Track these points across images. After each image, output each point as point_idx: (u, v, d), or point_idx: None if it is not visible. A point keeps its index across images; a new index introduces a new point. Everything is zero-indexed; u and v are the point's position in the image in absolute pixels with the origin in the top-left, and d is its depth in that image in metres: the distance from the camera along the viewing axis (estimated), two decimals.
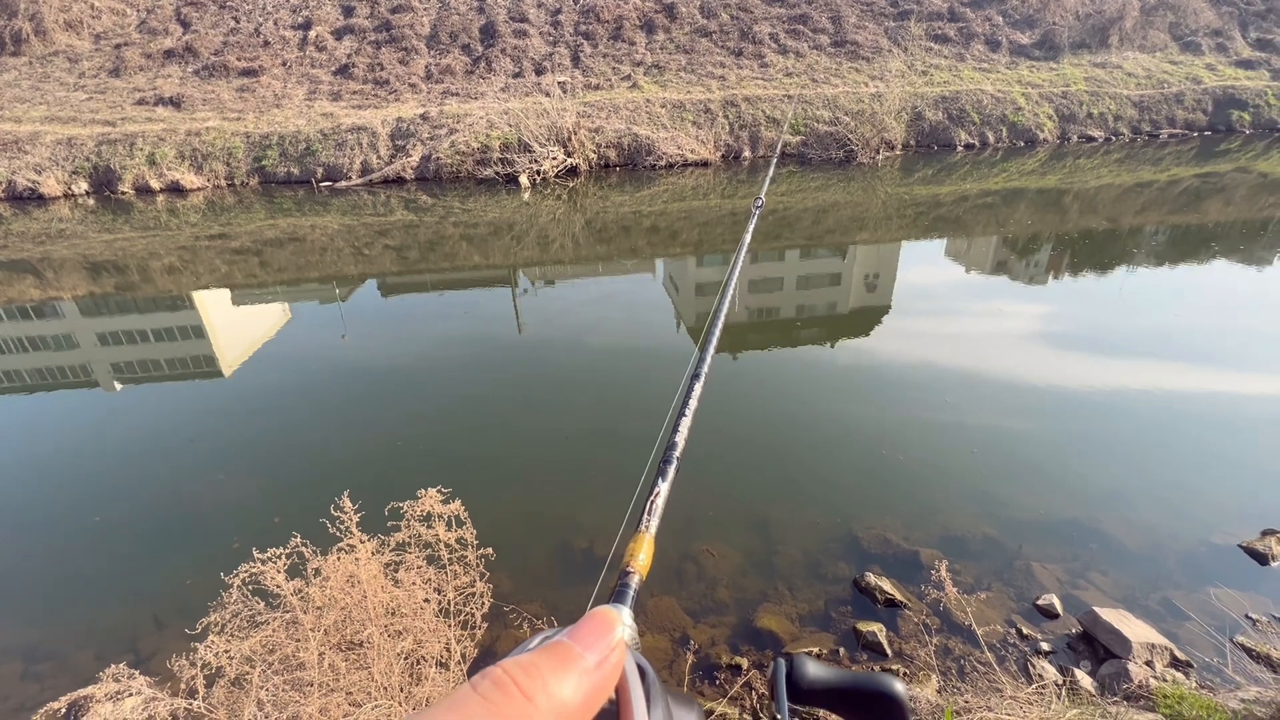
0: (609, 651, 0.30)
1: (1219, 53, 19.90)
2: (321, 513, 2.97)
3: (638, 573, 0.47)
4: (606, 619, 0.32)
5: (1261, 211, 12.46)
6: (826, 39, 19.79)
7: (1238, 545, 4.16)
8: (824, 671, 0.45)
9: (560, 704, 0.26)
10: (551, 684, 0.27)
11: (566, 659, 0.29)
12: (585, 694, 0.28)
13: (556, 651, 0.29)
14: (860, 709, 0.45)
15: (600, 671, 0.29)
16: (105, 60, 19.32)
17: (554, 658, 0.29)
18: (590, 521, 4.44)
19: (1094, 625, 3.56)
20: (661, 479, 0.58)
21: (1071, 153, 16.93)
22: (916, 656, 3.43)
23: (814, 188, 14.62)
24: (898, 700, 0.44)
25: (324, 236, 12.37)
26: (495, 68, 18.79)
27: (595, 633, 0.31)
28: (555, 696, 0.26)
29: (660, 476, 0.58)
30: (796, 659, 0.44)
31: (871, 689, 0.44)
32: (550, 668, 0.28)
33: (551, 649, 0.29)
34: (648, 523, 0.53)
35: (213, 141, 16.09)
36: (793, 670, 0.44)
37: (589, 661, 0.29)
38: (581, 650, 0.29)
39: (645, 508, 0.55)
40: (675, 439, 0.65)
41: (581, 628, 0.31)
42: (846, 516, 4.43)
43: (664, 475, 0.59)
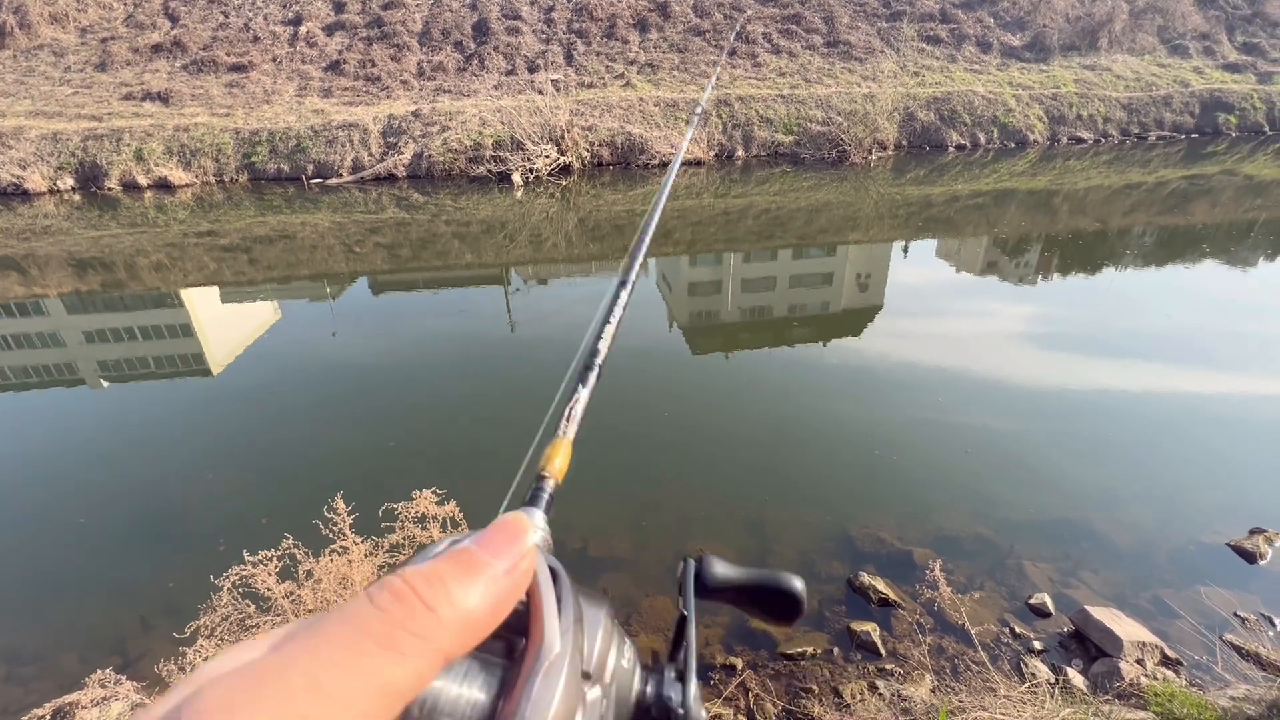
0: (519, 558, 0.29)
1: (1206, 56, 20.13)
2: (312, 513, 2.93)
3: (553, 477, 0.46)
4: (517, 524, 0.31)
5: (1247, 213, 12.61)
6: (819, 39, 19.84)
7: (1226, 544, 4.20)
8: (730, 570, 0.47)
9: (466, 613, 0.25)
10: (456, 592, 0.25)
11: (473, 566, 0.27)
12: (493, 602, 0.27)
13: (462, 558, 0.27)
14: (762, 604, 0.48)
15: (510, 578, 0.28)
16: (91, 54, 19.05)
17: (459, 565, 0.27)
18: (583, 521, 4.42)
19: (1086, 624, 3.58)
20: (582, 385, 0.57)
21: (1061, 154, 17.07)
22: (911, 656, 3.44)
23: (807, 187, 14.65)
24: (795, 596, 0.46)
25: (314, 234, 12.26)
26: (488, 65, 18.70)
27: (505, 539, 0.29)
28: (460, 605, 0.25)
29: (581, 383, 0.57)
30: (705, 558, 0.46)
31: (772, 585, 0.47)
32: (455, 575, 0.26)
33: (457, 556, 0.28)
34: (565, 428, 0.52)
35: (201, 137, 15.91)
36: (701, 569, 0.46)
37: (498, 568, 0.28)
38: (490, 557, 0.28)
39: (564, 414, 0.54)
40: (598, 345, 0.64)
41: (490, 534, 0.30)
42: (840, 516, 4.44)
43: (584, 382, 0.58)
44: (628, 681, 0.37)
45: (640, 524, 4.40)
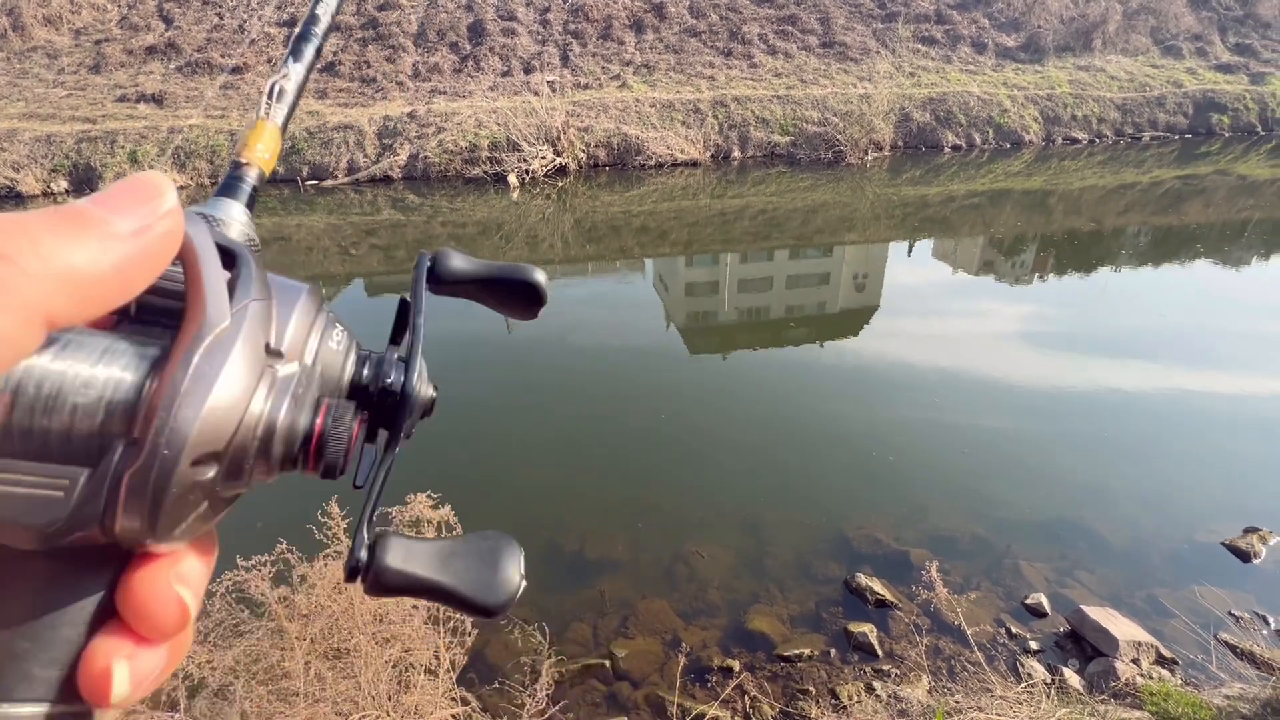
0: (152, 218, 0.24)
1: (1199, 57, 20.22)
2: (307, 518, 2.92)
3: (256, 165, 0.40)
4: (150, 182, 0.25)
5: (1241, 213, 12.67)
6: (815, 40, 19.87)
7: (1220, 543, 4.21)
8: (467, 264, 0.43)
9: (67, 270, 0.21)
10: (49, 245, 0.21)
11: (79, 220, 0.22)
12: (113, 263, 0.22)
13: (65, 212, 0.23)
14: (500, 296, 0.45)
15: (139, 240, 0.23)
16: (85, 56, 18.97)
17: (59, 218, 0.22)
18: (580, 523, 4.41)
19: (1081, 624, 3.59)
20: (294, 59, 0.46)
21: (1056, 154, 17.13)
22: (907, 657, 3.44)
23: (803, 188, 14.67)
24: (536, 285, 0.43)
25: (309, 236, 12.23)
26: (484, 66, 18.68)
27: (132, 197, 0.24)
28: (54, 260, 0.21)
29: (293, 56, 0.47)
30: (440, 252, 0.42)
31: (511, 277, 0.44)
32: (50, 227, 0.21)
33: (58, 209, 0.23)
34: (267, 108, 0.44)
35: (196, 139, 15.86)
36: (436, 262, 0.42)
37: (119, 227, 0.23)
38: (106, 213, 0.23)
39: (268, 90, 0.44)
40: (317, 10, 0.52)
41: (112, 191, 0.25)
42: (837, 517, 4.44)
43: (298, 55, 0.47)
44: (337, 362, 0.34)
45: (636, 525, 4.40)
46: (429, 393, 0.39)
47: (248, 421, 0.26)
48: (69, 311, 0.21)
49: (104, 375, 0.24)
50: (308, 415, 0.30)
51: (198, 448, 0.25)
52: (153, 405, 0.24)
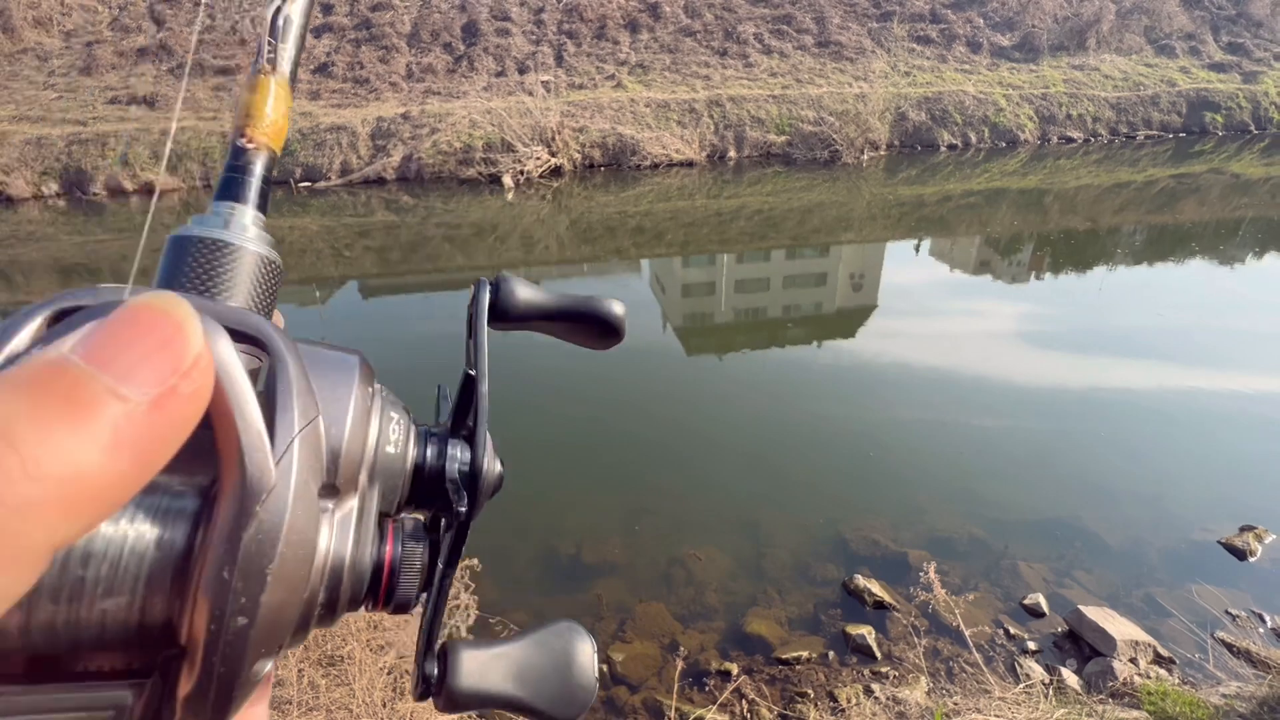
0: (177, 376, 0.17)
1: (1192, 56, 20.31)
2: None
3: (263, 144, 0.30)
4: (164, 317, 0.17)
5: (1235, 211, 12.72)
6: (810, 39, 19.89)
7: (1217, 541, 4.21)
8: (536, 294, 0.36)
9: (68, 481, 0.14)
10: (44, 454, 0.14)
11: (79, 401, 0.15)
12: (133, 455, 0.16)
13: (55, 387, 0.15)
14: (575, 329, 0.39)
15: (160, 414, 0.16)
16: (76, 58, 18.85)
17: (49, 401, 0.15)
18: (576, 526, 4.39)
19: (1079, 624, 3.58)
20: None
21: (1052, 153, 17.18)
22: (906, 659, 3.43)
23: (799, 188, 14.67)
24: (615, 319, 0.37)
25: (303, 238, 12.17)
26: (477, 66, 18.63)
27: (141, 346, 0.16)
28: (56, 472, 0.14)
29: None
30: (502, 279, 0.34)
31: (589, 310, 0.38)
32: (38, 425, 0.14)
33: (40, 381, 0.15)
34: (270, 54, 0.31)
35: (188, 141, 15.77)
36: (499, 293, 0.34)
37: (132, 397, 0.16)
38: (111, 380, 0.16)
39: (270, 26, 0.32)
40: None
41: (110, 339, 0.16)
42: (834, 519, 4.43)
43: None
44: (397, 465, 0.29)
45: (633, 528, 4.38)
46: (497, 470, 0.33)
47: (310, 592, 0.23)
48: (76, 530, 0.15)
49: (132, 572, 0.20)
50: (372, 549, 0.26)
51: (259, 647, 0.21)
52: (198, 607, 0.20)
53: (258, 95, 0.31)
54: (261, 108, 0.30)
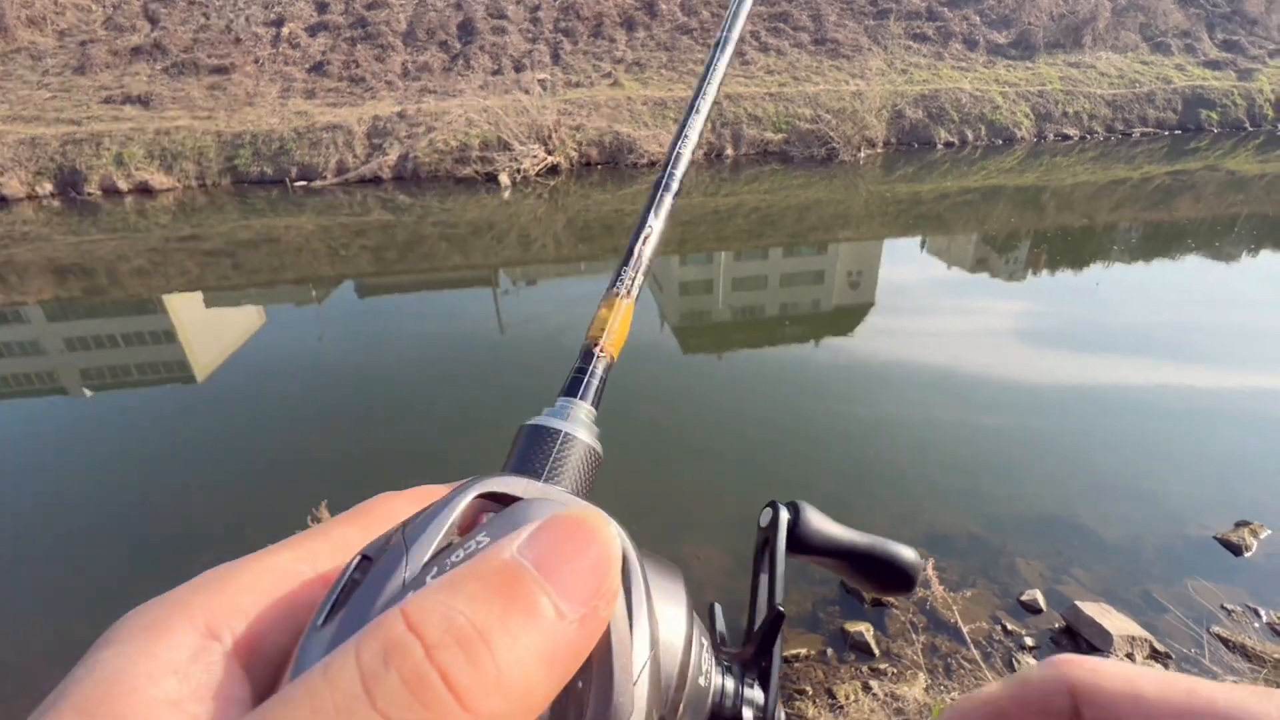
0: (599, 597, 0.17)
1: (1188, 53, 20.35)
2: (299, 522, 2.88)
3: (607, 355, 0.33)
4: (602, 549, 0.18)
5: (1230, 208, 12.76)
6: (807, 37, 19.88)
7: (1212, 537, 4.23)
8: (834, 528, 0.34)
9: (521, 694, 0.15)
10: (511, 665, 0.15)
11: (534, 614, 0.16)
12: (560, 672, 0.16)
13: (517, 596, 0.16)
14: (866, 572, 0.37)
15: (584, 631, 0.17)
16: (70, 57, 18.75)
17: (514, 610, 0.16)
18: None
19: (1076, 619, 3.59)
20: (654, 214, 0.39)
21: (1048, 151, 17.21)
22: (904, 655, 3.43)
23: (796, 185, 14.68)
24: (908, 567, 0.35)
25: (299, 237, 12.14)
26: (474, 65, 18.59)
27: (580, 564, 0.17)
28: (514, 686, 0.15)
29: (652, 210, 0.39)
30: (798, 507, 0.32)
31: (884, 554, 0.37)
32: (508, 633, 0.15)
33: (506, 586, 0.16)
34: (628, 281, 0.36)
35: (183, 141, 15.71)
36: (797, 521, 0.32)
37: (569, 618, 0.16)
38: (555, 593, 0.16)
39: (630, 255, 0.36)
40: (680, 150, 0.43)
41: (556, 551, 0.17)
42: (832, 515, 4.42)
43: (657, 209, 0.39)
44: (704, 697, 0.27)
45: (630, 526, 4.35)
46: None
47: None
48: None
49: None
50: None
51: None
52: None
53: (611, 313, 0.36)
54: (613, 324, 0.36)
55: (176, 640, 0.18)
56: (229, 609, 0.19)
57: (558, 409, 0.32)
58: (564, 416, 0.31)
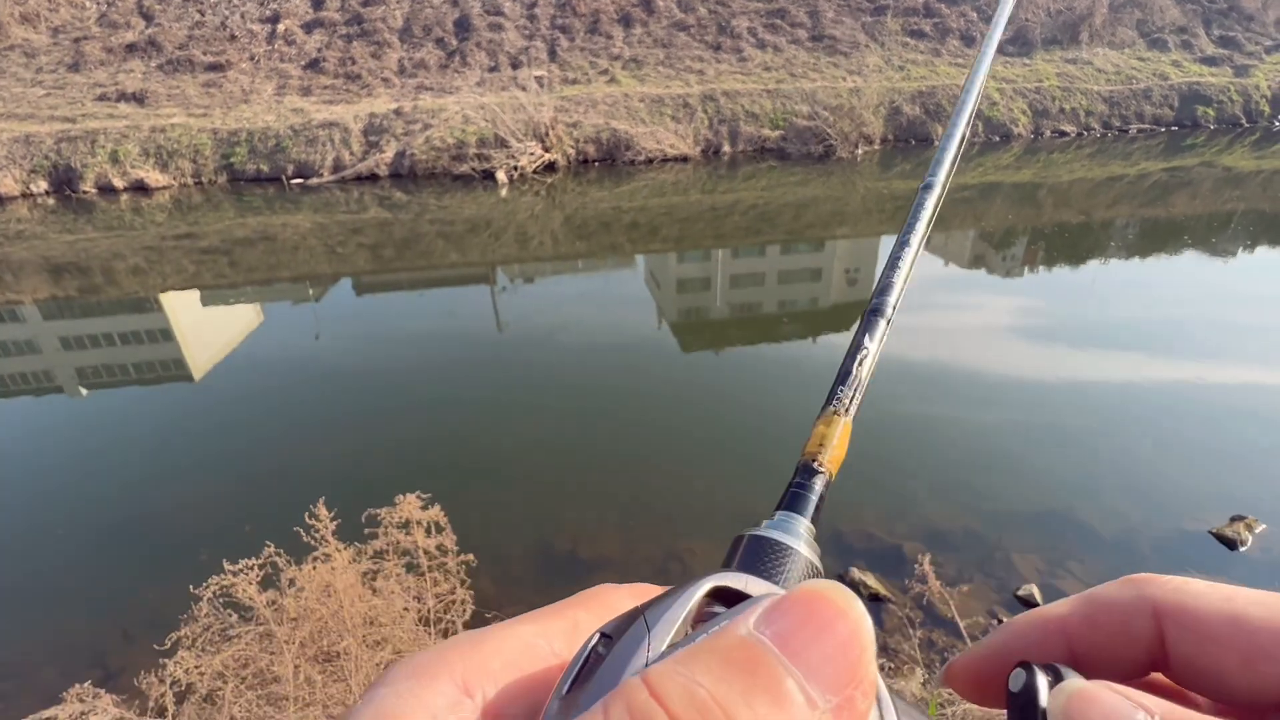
0: (855, 685, 0.16)
1: (1184, 49, 20.38)
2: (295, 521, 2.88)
3: (826, 471, 0.33)
4: (845, 614, 0.17)
5: (1226, 205, 12.80)
6: (804, 33, 19.86)
7: (1208, 531, 4.25)
8: None
9: None
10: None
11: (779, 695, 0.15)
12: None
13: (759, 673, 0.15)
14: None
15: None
16: (64, 54, 18.65)
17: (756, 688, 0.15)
18: (572, 522, 4.39)
19: None
20: (868, 337, 0.39)
21: (1045, 147, 17.23)
22: (901, 650, 3.45)
23: (794, 182, 14.67)
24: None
25: (296, 235, 12.10)
26: (470, 61, 18.53)
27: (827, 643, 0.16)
28: None
29: (866, 334, 0.39)
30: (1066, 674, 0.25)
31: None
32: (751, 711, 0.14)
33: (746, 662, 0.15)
34: (844, 399, 0.36)
35: (178, 138, 15.64)
36: None
37: (820, 704, 0.15)
38: (804, 678, 0.15)
39: (843, 377, 0.37)
40: (892, 279, 0.42)
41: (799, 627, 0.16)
42: (829, 512, 4.40)
43: (871, 333, 0.40)
44: None
45: (628, 524, 4.39)
46: None
47: None
48: None
49: None
50: None
51: None
52: None
53: (830, 430, 0.35)
54: (831, 440, 0.35)
55: (439, 689, 0.19)
56: (481, 670, 0.20)
57: (778, 522, 0.32)
58: (787, 531, 0.31)
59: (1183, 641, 0.22)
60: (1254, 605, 0.21)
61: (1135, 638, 0.24)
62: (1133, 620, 0.24)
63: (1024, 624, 0.26)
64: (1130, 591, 0.24)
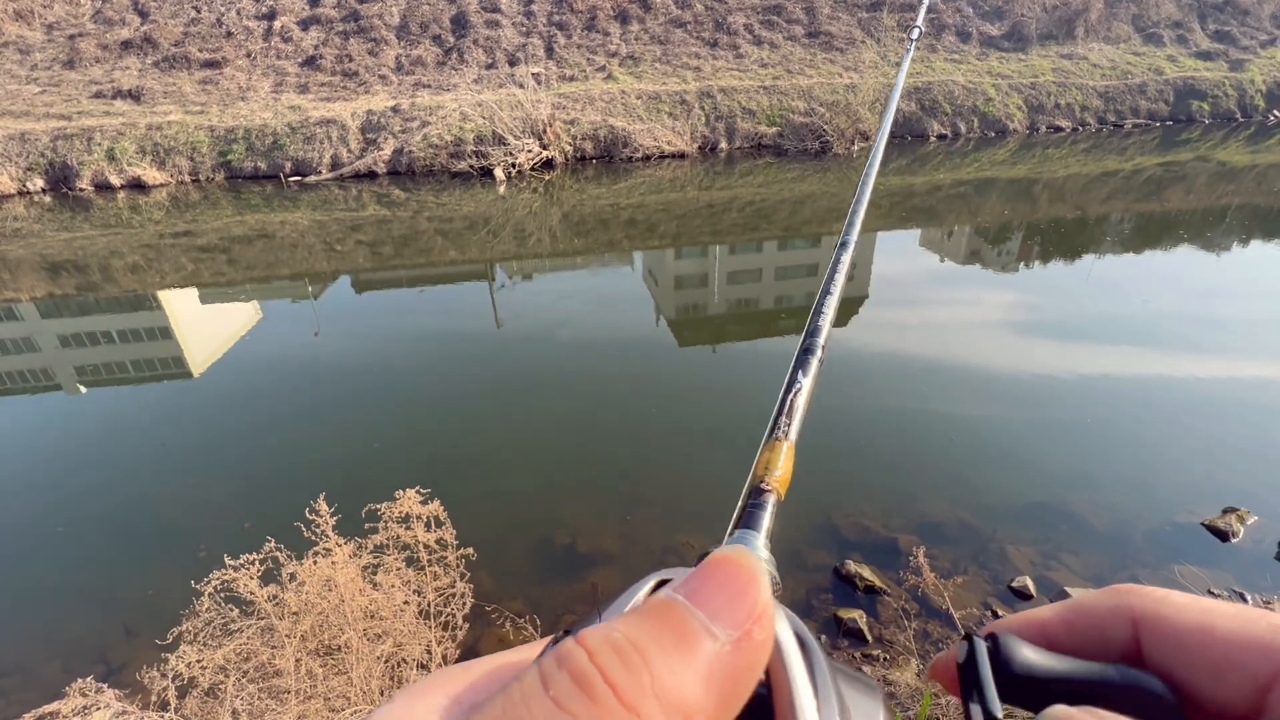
0: (753, 620, 0.20)
1: (1179, 44, 20.40)
2: (295, 517, 2.90)
3: (774, 490, 0.37)
4: (744, 567, 0.21)
5: (1220, 199, 12.84)
6: (800, 30, 19.84)
7: (1200, 523, 4.29)
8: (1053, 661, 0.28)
9: (679, 707, 0.17)
10: (665, 674, 0.18)
11: (685, 634, 0.19)
12: (718, 695, 0.18)
13: (668, 620, 0.19)
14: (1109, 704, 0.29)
15: (741, 654, 0.19)
16: (59, 52, 18.57)
17: (665, 630, 0.19)
18: (571, 517, 4.42)
19: None
20: (802, 373, 0.47)
21: (1040, 143, 17.26)
22: (896, 641, 3.49)
23: (790, 179, 14.69)
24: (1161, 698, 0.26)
25: (294, 233, 12.09)
26: (467, 59, 18.49)
27: (728, 591, 0.20)
28: (671, 696, 0.17)
29: (800, 370, 0.47)
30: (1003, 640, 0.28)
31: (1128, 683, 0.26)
32: (661, 649, 0.18)
33: (659, 614, 0.19)
34: (786, 427, 0.43)
35: (175, 136, 15.60)
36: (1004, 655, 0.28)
37: (721, 640, 0.19)
38: (707, 619, 0.19)
39: (783, 407, 0.44)
40: (819, 323, 0.52)
41: (704, 580, 0.21)
42: (826, 505, 4.48)
43: (804, 369, 0.48)
44: None
45: (626, 518, 4.42)
46: None
47: None
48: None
49: None
50: None
51: None
52: None
53: (774, 455, 0.41)
54: (777, 464, 0.40)
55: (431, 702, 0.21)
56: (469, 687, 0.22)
57: (737, 538, 0.35)
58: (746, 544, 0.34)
59: (1157, 650, 0.23)
60: (1228, 618, 0.22)
61: (1110, 644, 0.24)
62: (1109, 627, 0.25)
63: (1004, 624, 0.27)
64: (1112, 600, 0.25)
